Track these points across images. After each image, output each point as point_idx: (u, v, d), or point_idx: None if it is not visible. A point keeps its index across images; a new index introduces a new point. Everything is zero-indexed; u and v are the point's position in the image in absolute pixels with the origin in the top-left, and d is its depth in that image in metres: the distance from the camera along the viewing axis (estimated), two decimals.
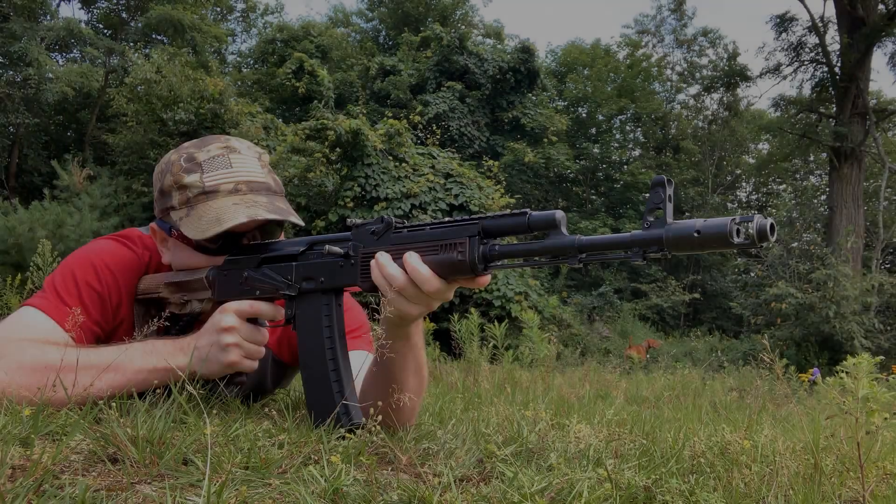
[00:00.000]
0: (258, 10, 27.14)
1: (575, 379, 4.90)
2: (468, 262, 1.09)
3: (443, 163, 12.10)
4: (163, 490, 0.82)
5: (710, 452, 1.26)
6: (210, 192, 1.37)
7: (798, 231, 12.93)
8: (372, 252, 1.20)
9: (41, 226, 9.74)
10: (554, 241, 1.05)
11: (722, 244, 0.92)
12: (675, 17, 27.75)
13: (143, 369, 1.25)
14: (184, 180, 1.38)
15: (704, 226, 0.93)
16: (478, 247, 1.10)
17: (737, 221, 0.92)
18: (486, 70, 19.55)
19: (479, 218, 1.11)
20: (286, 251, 1.33)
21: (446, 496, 0.89)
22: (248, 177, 1.41)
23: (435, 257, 1.12)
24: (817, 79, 17.87)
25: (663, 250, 0.97)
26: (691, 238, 0.94)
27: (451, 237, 1.12)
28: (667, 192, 0.97)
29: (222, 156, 1.41)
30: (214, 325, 1.28)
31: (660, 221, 0.97)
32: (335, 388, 1.23)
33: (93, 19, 21.68)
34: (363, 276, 1.22)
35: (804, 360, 10.36)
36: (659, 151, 27.10)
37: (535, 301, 11.19)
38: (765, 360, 2.21)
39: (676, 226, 0.96)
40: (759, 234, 0.91)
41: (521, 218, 1.07)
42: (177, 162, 1.41)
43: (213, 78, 13.47)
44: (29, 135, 17.92)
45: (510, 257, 1.11)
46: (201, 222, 1.34)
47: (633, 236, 0.99)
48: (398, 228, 1.20)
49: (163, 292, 1.44)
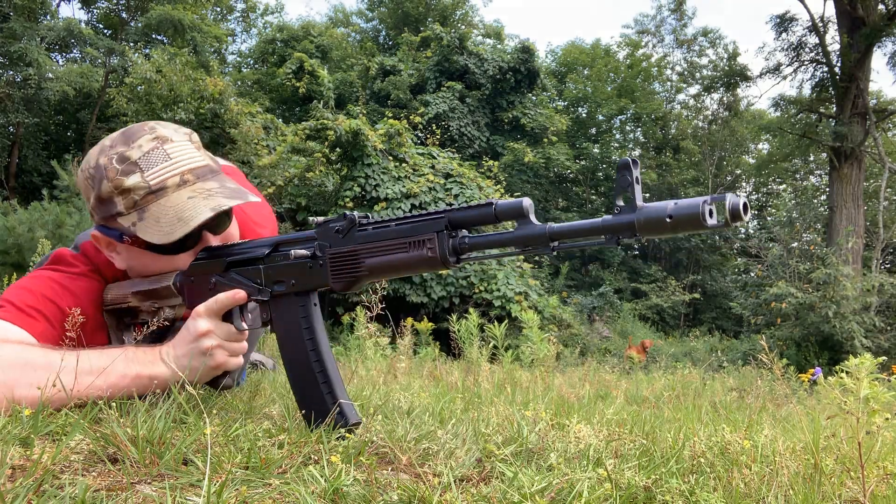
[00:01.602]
0: (258, 10, 27.15)
1: (575, 379, 4.90)
2: (439, 259, 1.08)
3: (443, 163, 12.10)
4: (163, 490, 0.82)
5: (710, 452, 1.26)
6: (158, 191, 1.31)
7: (798, 231, 12.92)
8: (341, 252, 1.18)
9: (41, 226, 9.73)
10: (524, 230, 1.03)
11: (695, 226, 0.91)
12: (675, 17, 27.75)
13: (127, 375, 1.22)
14: (125, 184, 1.30)
15: (676, 209, 0.91)
16: (447, 241, 1.08)
17: (708, 202, 0.90)
18: (486, 70, 19.54)
19: (445, 211, 1.09)
20: (252, 254, 1.30)
21: (446, 496, 0.89)
22: (191, 164, 1.35)
23: (405, 255, 1.11)
24: (817, 79, 17.86)
25: (636, 235, 0.95)
26: (663, 223, 0.92)
27: (419, 233, 1.10)
28: (633, 175, 0.94)
29: (156, 148, 1.34)
30: (190, 333, 1.25)
31: (630, 206, 0.95)
32: (325, 390, 1.21)
33: (93, 19, 21.69)
34: (335, 277, 1.19)
35: (804, 360, 10.35)
36: (659, 151, 27.10)
37: (535, 301, 11.19)
38: (765, 360, 2.21)
39: (648, 210, 0.94)
40: (732, 214, 0.89)
41: (487, 209, 1.05)
42: (109, 166, 1.32)
43: (213, 78, 13.46)
44: (29, 135, 17.92)
45: (481, 248, 1.09)
46: (161, 224, 1.29)
47: (604, 222, 0.98)
48: (363, 225, 1.17)
49: (132, 301, 1.40)
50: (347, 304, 10.59)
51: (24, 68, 15.72)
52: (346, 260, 1.18)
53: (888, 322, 11.85)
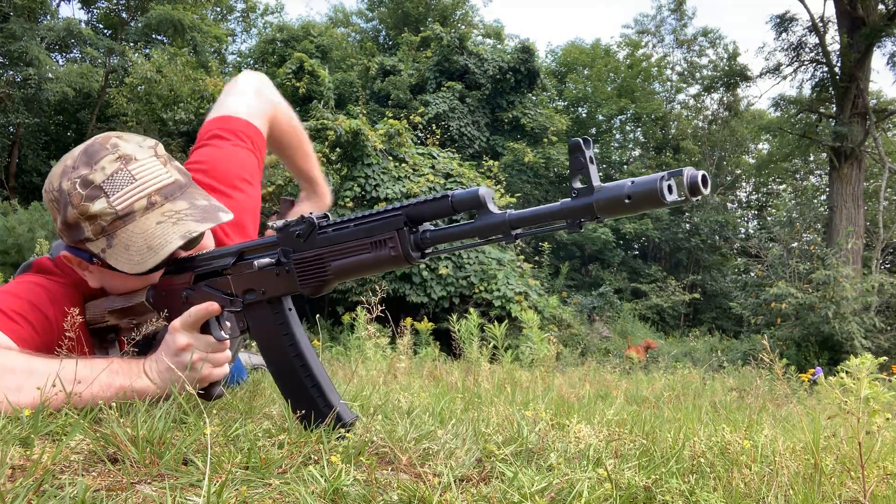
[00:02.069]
0: (258, 10, 27.17)
1: (575, 379, 4.90)
2: (402, 256, 1.08)
3: (443, 163, 12.10)
4: (163, 490, 0.82)
5: (710, 452, 1.26)
6: (125, 216, 1.28)
7: (798, 231, 12.92)
8: (306, 258, 1.17)
9: (41, 226, 9.74)
10: (484, 220, 1.02)
11: (654, 203, 0.89)
12: (675, 17, 27.75)
13: (111, 386, 1.19)
14: (90, 210, 1.27)
15: (633, 189, 0.90)
16: (408, 237, 1.08)
17: (666, 178, 0.89)
18: (486, 70, 19.54)
19: (402, 207, 1.08)
20: (218, 265, 1.28)
21: (446, 496, 0.89)
22: (157, 183, 1.31)
23: (369, 255, 1.10)
24: (817, 79, 17.86)
25: (596, 217, 0.94)
26: (622, 203, 0.91)
27: (379, 233, 1.09)
28: (587, 155, 0.93)
29: (120, 170, 1.29)
30: (170, 348, 1.23)
31: (587, 188, 0.94)
32: (315, 394, 1.20)
33: (93, 19, 21.71)
34: (302, 282, 1.18)
35: (804, 360, 10.35)
36: (659, 151, 27.10)
37: (535, 301, 11.19)
38: (765, 360, 2.22)
39: (605, 191, 0.92)
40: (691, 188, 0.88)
41: (443, 201, 1.05)
42: (73, 191, 1.28)
43: (213, 78, 13.46)
44: (29, 135, 17.92)
45: (443, 241, 1.08)
46: (131, 253, 1.27)
47: (562, 206, 0.97)
48: (322, 228, 1.16)
49: (110, 320, 1.39)
50: (348, 304, 10.60)
51: (24, 68, 15.73)
52: (312, 264, 1.17)
53: (888, 322, 11.85)
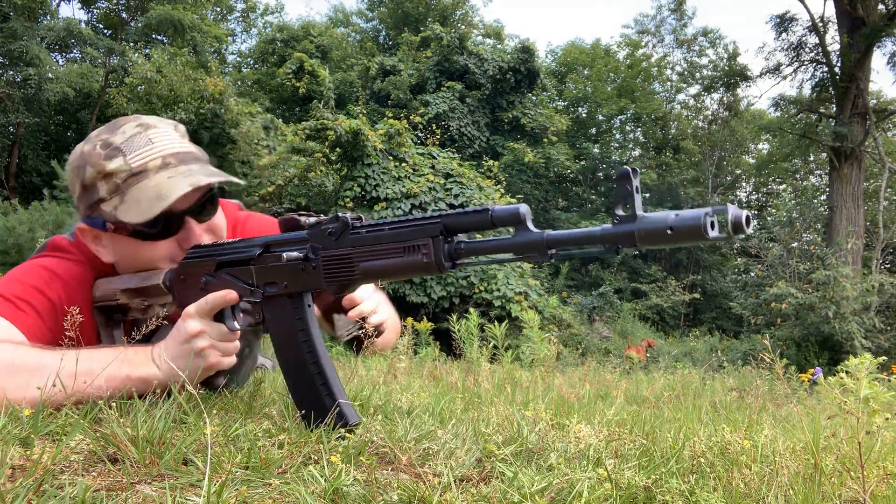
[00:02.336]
0: (258, 10, 27.17)
1: (575, 379, 4.90)
2: (434, 264, 1.07)
3: (443, 163, 12.10)
4: (163, 490, 0.82)
5: (710, 452, 1.26)
6: (139, 173, 1.31)
7: (798, 231, 12.92)
8: (335, 256, 1.16)
9: (41, 226, 9.74)
10: (522, 237, 1.01)
11: (696, 238, 0.89)
12: (675, 17, 27.75)
13: (117, 377, 1.19)
14: (107, 168, 1.31)
15: (677, 221, 0.89)
16: (442, 246, 1.07)
17: (710, 214, 0.88)
18: (486, 70, 19.54)
19: (440, 216, 1.07)
20: (243, 254, 1.27)
21: (446, 496, 0.89)
22: (173, 148, 1.36)
23: (400, 260, 1.09)
24: (817, 79, 17.86)
25: (636, 246, 0.94)
26: (664, 234, 0.90)
27: (414, 238, 1.08)
28: (633, 185, 0.93)
29: (140, 134, 1.35)
30: (181, 334, 1.22)
31: (630, 216, 0.93)
32: (323, 392, 1.19)
33: (93, 19, 21.71)
34: (327, 280, 1.17)
35: (804, 360, 10.35)
36: (659, 151, 27.11)
37: (535, 301, 11.19)
38: (765, 360, 2.21)
39: (648, 221, 0.92)
40: (735, 227, 0.87)
41: (483, 215, 1.04)
42: (93, 152, 1.34)
43: (213, 78, 13.46)
44: (29, 135, 17.92)
45: (477, 254, 1.07)
46: (140, 204, 1.29)
47: (603, 231, 0.96)
48: (356, 228, 1.15)
49: (121, 298, 1.37)
50: None
51: (24, 68, 15.73)
52: (340, 263, 1.16)
53: (888, 322, 11.85)
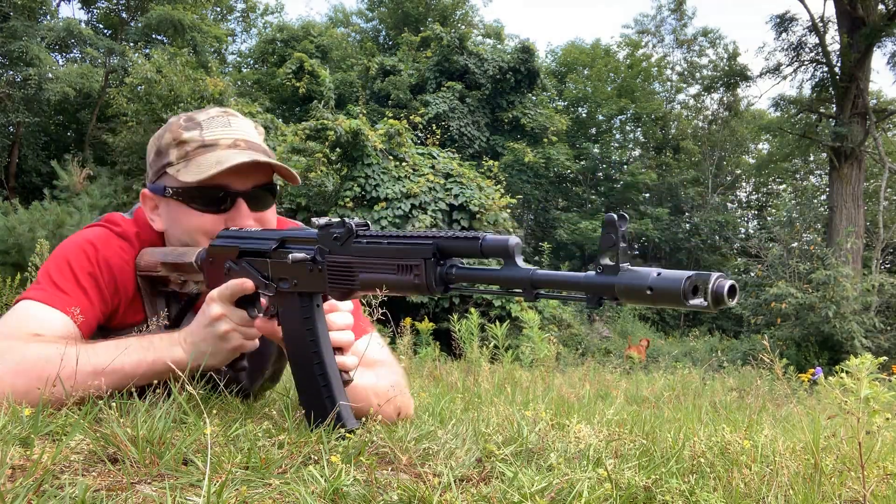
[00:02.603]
0: (258, 10, 27.15)
1: (575, 379, 4.90)
2: (425, 286, 1.07)
3: (443, 163, 12.10)
4: (163, 490, 0.82)
5: (710, 452, 1.26)
6: (210, 145, 1.41)
7: (798, 231, 12.92)
8: (338, 263, 1.18)
9: (41, 226, 9.73)
10: (510, 272, 1.02)
11: (674, 302, 0.87)
12: (675, 17, 27.76)
13: (143, 362, 1.24)
14: (183, 136, 1.42)
15: (657, 282, 0.88)
16: (434, 269, 1.07)
17: (692, 279, 0.86)
18: (486, 70, 19.53)
19: (433, 237, 1.08)
20: (261, 246, 1.31)
21: (446, 496, 0.89)
22: (247, 137, 1.46)
23: (392, 277, 1.11)
24: (817, 79, 17.86)
25: (616, 299, 0.93)
26: (643, 293, 0.89)
27: (408, 258, 1.09)
28: (619, 233, 0.91)
29: (222, 117, 1.47)
30: (205, 318, 1.27)
31: (613, 267, 0.92)
32: (324, 394, 1.21)
33: (93, 19, 21.70)
34: (331, 285, 1.19)
35: (804, 360, 10.35)
36: (659, 151, 27.11)
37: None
38: (765, 360, 2.21)
39: (629, 276, 0.91)
40: (715, 298, 0.85)
41: (473, 242, 1.04)
42: (176, 122, 1.46)
43: (213, 78, 13.46)
44: (29, 135, 17.92)
45: (467, 281, 1.08)
46: (200, 167, 1.38)
47: (586, 279, 0.95)
48: (359, 236, 1.17)
49: (161, 271, 1.44)
50: None
51: (24, 68, 15.73)
52: (342, 270, 1.18)
53: (888, 322, 11.85)
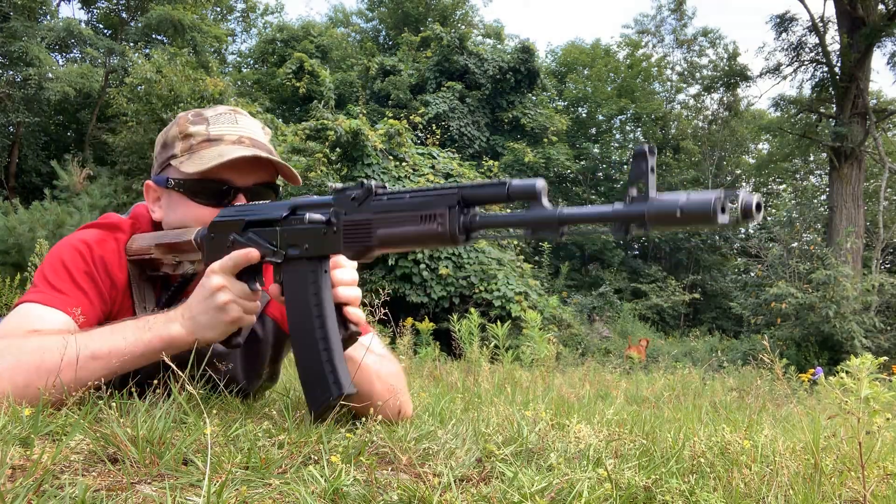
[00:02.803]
0: (258, 10, 27.12)
1: (575, 379, 4.90)
2: (448, 234, 1.08)
3: (443, 163, 12.10)
4: (163, 490, 0.82)
5: (710, 452, 1.26)
6: (214, 140, 1.44)
7: (798, 231, 12.92)
8: (355, 221, 1.19)
9: (41, 226, 9.73)
10: (535, 213, 1.02)
11: (705, 221, 0.89)
12: (675, 17, 27.74)
13: (140, 341, 1.23)
14: (189, 129, 1.46)
15: (687, 203, 0.90)
16: (458, 217, 1.08)
17: (721, 198, 0.89)
18: (486, 70, 19.52)
19: (458, 186, 1.09)
20: (270, 215, 1.32)
21: (446, 496, 0.89)
22: (252, 135, 1.49)
23: (416, 228, 1.12)
24: (817, 79, 17.85)
25: (645, 226, 0.94)
26: (674, 216, 0.91)
27: (431, 208, 1.10)
28: (648, 164, 0.93)
29: (229, 114, 1.51)
30: (205, 289, 1.27)
31: (642, 196, 0.93)
32: (324, 357, 1.22)
33: (93, 19, 21.68)
34: (346, 244, 1.21)
35: (804, 360, 10.34)
36: (659, 151, 26.97)
37: (536, 301, 11.18)
38: (765, 360, 2.21)
39: (659, 202, 0.92)
40: (745, 212, 0.88)
41: (500, 188, 1.05)
42: (184, 116, 1.50)
43: (213, 78, 13.45)
44: (29, 135, 17.90)
45: (491, 228, 1.09)
46: (203, 160, 1.40)
47: (614, 211, 0.96)
48: (378, 195, 1.18)
49: (154, 253, 1.43)
50: None
51: (24, 68, 15.72)
52: (360, 229, 1.19)
53: (888, 322, 11.85)
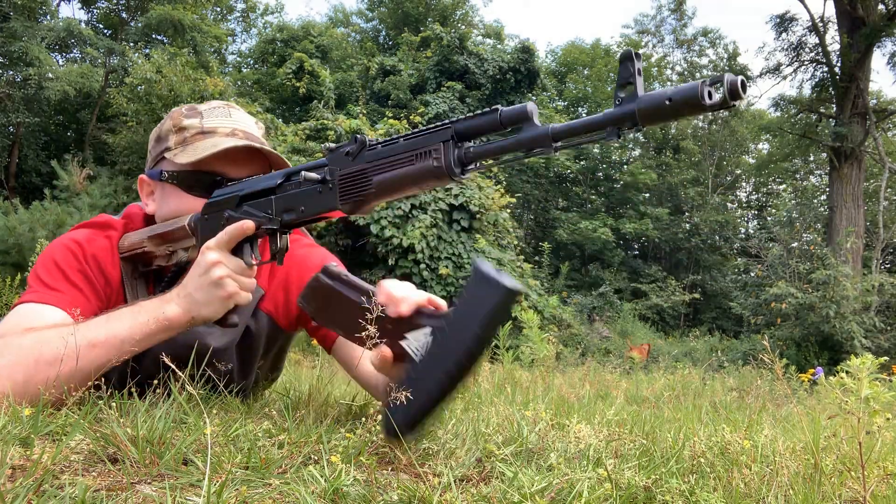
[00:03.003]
0: (258, 10, 27.12)
1: (575, 379, 4.90)
2: (444, 168, 1.08)
3: None
4: (163, 490, 0.82)
5: (710, 452, 1.26)
6: (208, 132, 1.44)
7: (798, 231, 12.92)
8: (349, 172, 1.20)
9: (41, 226, 9.74)
10: (527, 133, 1.03)
11: (694, 107, 0.90)
12: (675, 17, 27.74)
13: (136, 324, 1.23)
14: (183, 123, 1.46)
15: (675, 92, 0.91)
16: (452, 150, 1.09)
17: (707, 83, 0.90)
18: (486, 70, 19.53)
19: (450, 122, 1.10)
20: (263, 186, 1.33)
21: (446, 496, 0.89)
22: (245, 128, 1.49)
23: (412, 168, 1.12)
24: (817, 79, 17.85)
25: (637, 125, 0.95)
26: (663, 106, 0.91)
27: (425, 145, 1.10)
28: (636, 66, 0.94)
29: (223, 108, 1.52)
30: (200, 266, 1.27)
31: (631, 96, 0.94)
32: None
33: (93, 19, 21.68)
34: (343, 199, 1.21)
35: (804, 360, 10.35)
36: (659, 151, 27.10)
37: (535, 301, 11.18)
38: (765, 360, 2.21)
39: (647, 96, 0.93)
40: (731, 92, 0.89)
41: (492, 115, 1.06)
42: (178, 111, 1.50)
43: (213, 78, 13.46)
44: (29, 135, 17.90)
45: (486, 157, 1.10)
46: (196, 151, 1.40)
47: (605, 115, 0.97)
48: (372, 145, 1.19)
49: (147, 246, 1.43)
50: None
51: (25, 68, 15.72)
52: (355, 179, 1.19)
53: (888, 322, 11.85)
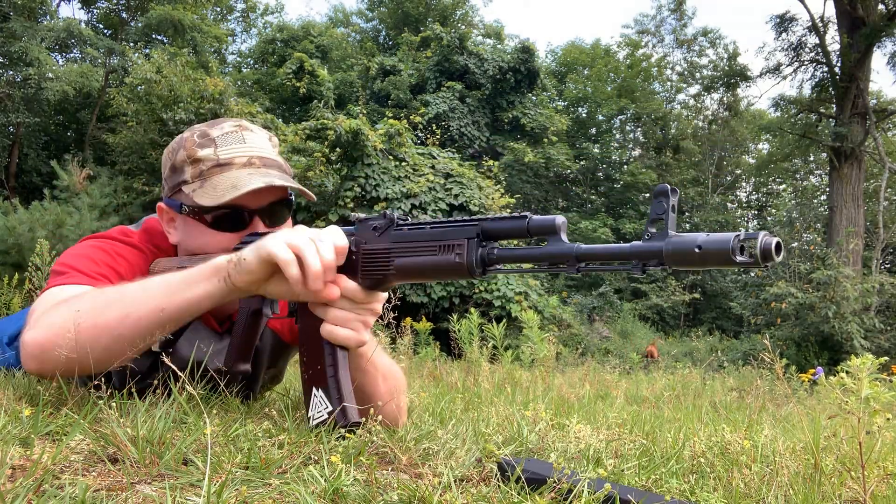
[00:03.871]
0: (258, 10, 27.14)
1: (575, 379, 4.90)
2: (465, 266, 1.08)
3: (443, 163, 12.10)
4: (163, 490, 0.82)
5: (710, 452, 1.26)
6: (224, 165, 1.40)
7: (798, 231, 12.93)
8: (373, 249, 1.20)
9: (41, 226, 9.74)
10: (553, 247, 1.02)
11: (723, 262, 0.89)
12: (675, 17, 27.75)
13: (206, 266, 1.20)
14: (197, 154, 1.41)
15: (706, 241, 0.90)
16: (476, 250, 1.08)
17: (741, 238, 0.88)
18: (486, 70, 19.54)
19: (478, 219, 1.10)
20: None
21: (446, 496, 0.89)
22: (261, 153, 1.46)
23: (434, 258, 1.12)
24: (817, 79, 17.86)
25: (662, 264, 0.94)
26: (692, 253, 0.90)
27: (450, 238, 1.11)
28: (670, 203, 0.93)
29: (235, 132, 1.46)
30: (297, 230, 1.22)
31: (661, 234, 0.93)
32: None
33: (93, 19, 21.68)
34: (364, 273, 1.21)
35: (804, 360, 10.35)
36: (659, 151, 27.10)
37: (535, 301, 11.18)
38: (765, 360, 2.21)
39: (677, 239, 0.92)
40: (763, 254, 0.87)
41: (520, 222, 1.05)
42: (190, 138, 1.45)
43: (213, 78, 13.45)
44: (29, 135, 17.90)
45: (508, 262, 1.09)
46: (216, 190, 1.37)
47: (632, 248, 0.96)
48: (399, 225, 1.19)
49: None
50: None
51: (24, 68, 15.71)
52: (378, 257, 1.20)
53: (888, 322, 11.85)
